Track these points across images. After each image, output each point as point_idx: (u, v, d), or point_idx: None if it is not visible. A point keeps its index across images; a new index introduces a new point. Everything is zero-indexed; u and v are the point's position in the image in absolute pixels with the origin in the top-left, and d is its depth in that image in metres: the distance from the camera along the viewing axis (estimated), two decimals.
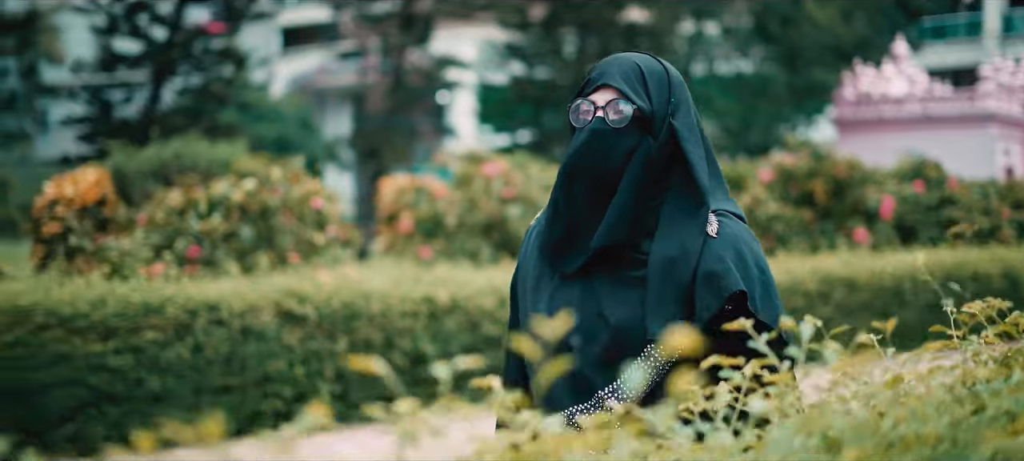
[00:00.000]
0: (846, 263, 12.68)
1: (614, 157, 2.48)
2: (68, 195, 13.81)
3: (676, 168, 2.50)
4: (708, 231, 2.48)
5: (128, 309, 7.80)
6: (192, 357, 8.07)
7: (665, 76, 2.55)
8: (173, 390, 8.00)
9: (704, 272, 2.43)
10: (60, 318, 7.55)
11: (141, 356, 7.82)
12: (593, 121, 2.51)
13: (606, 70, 2.54)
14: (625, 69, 2.53)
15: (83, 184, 13.93)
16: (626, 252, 2.47)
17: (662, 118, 2.51)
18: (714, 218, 2.51)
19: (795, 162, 16.39)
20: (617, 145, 2.48)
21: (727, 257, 2.45)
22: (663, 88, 2.53)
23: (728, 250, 2.46)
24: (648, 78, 2.52)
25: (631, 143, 2.48)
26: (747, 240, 2.54)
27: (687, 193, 2.49)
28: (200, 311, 8.11)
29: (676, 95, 2.54)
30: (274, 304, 8.52)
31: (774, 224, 15.62)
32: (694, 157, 2.50)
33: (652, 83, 2.52)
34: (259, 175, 11.40)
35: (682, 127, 2.51)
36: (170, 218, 11.25)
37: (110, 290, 7.82)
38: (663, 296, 2.43)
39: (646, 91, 2.51)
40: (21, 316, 7.40)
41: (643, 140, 2.48)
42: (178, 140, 15.60)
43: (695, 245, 2.45)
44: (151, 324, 7.90)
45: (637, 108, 2.48)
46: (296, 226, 11.25)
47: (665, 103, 2.52)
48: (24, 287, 7.62)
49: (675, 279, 2.43)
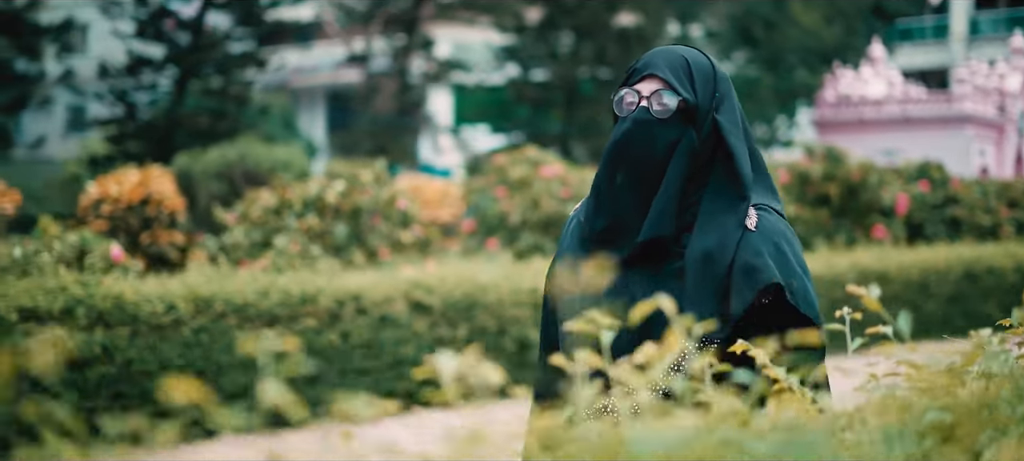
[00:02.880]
0: (879, 257, 13.76)
1: (657, 148, 2.48)
2: (113, 194, 14.59)
3: (718, 162, 2.51)
4: (747, 225, 2.48)
5: (289, 299, 8.72)
6: (341, 342, 9.00)
7: (711, 70, 2.55)
8: (325, 372, 8.92)
9: (740, 265, 2.43)
10: (234, 306, 8.46)
11: (300, 341, 8.73)
12: (637, 110, 2.52)
13: (652, 61, 2.54)
14: (671, 60, 2.53)
15: (127, 184, 14.71)
16: (665, 245, 2.48)
17: (706, 111, 2.51)
18: (754, 212, 2.51)
19: (810, 165, 17.47)
20: (660, 136, 2.48)
21: (765, 251, 2.44)
22: (708, 81, 2.53)
23: (766, 244, 2.46)
24: (694, 71, 2.52)
25: (674, 134, 2.48)
26: (786, 235, 2.52)
27: (728, 187, 2.49)
28: (347, 301, 9.04)
29: (721, 89, 2.54)
30: (404, 295, 9.46)
31: (795, 224, 16.69)
32: (737, 150, 2.50)
33: (698, 76, 2.52)
34: (346, 176, 12.31)
35: (726, 121, 2.52)
36: (267, 216, 12.13)
37: (272, 282, 8.73)
38: (701, 290, 2.43)
39: (691, 83, 2.51)
40: (203, 305, 8.30)
41: (686, 132, 2.49)
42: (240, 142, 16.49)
43: (733, 239, 2.45)
44: (307, 312, 8.83)
45: (682, 100, 2.49)
46: (384, 225, 12.17)
47: (710, 97, 2.52)
48: (202, 279, 8.52)
49: (712, 273, 2.43)
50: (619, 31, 31.53)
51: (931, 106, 33.17)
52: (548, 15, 31.42)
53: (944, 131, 32.48)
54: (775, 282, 2.40)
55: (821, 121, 34.60)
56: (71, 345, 7.50)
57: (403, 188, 12.64)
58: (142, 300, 7.92)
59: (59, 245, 10.15)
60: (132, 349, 7.87)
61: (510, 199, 13.91)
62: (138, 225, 14.26)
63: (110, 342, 7.76)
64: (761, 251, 2.43)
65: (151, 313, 7.99)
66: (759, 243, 2.44)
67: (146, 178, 14.58)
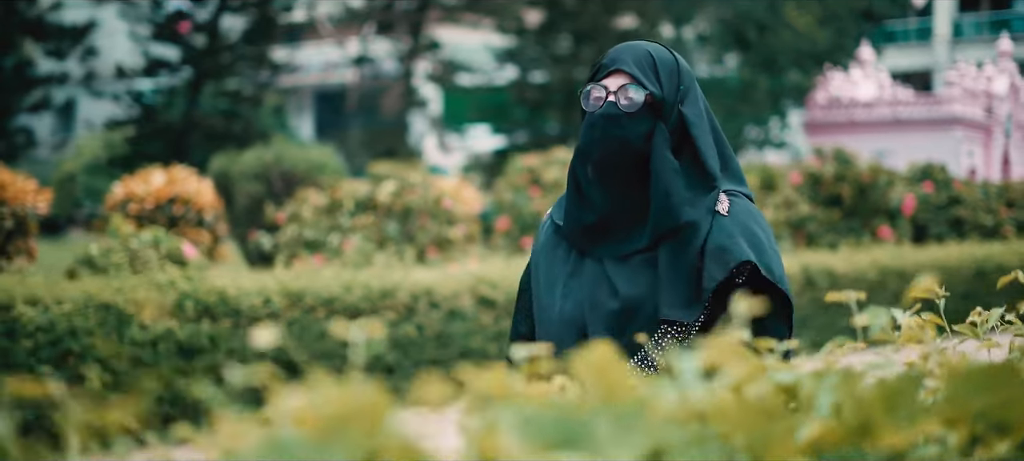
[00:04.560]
0: (896, 255, 14.44)
1: (629, 141, 2.53)
2: (140, 194, 15.06)
3: (685, 154, 2.56)
4: (718, 209, 2.53)
5: (370, 293, 9.30)
6: (417, 334, 9.58)
7: (675, 64, 2.60)
8: (400, 362, 9.51)
9: (712, 247, 2.47)
10: (322, 300, 9.04)
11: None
12: (605, 106, 2.55)
13: (618, 56, 2.58)
14: (637, 55, 2.57)
15: (153, 184, 15.18)
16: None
17: (672, 104, 2.55)
18: (725, 198, 2.57)
19: (821, 167, 18.15)
20: (630, 129, 2.52)
21: (737, 232, 2.50)
22: (673, 75, 2.57)
23: (738, 226, 2.52)
24: (659, 65, 2.57)
25: (644, 128, 2.53)
26: (757, 218, 2.58)
27: (696, 177, 2.54)
28: (420, 296, 9.63)
29: (685, 83, 2.59)
30: (470, 289, 10.05)
31: (808, 223, 17.36)
32: (702, 142, 2.55)
33: (663, 70, 2.56)
34: (395, 177, 12.89)
35: (691, 113, 2.56)
36: (319, 216, 12.69)
37: (354, 278, 9.31)
38: (674, 275, 2.48)
39: (657, 77, 2.55)
40: (296, 298, 8.87)
41: (655, 125, 2.54)
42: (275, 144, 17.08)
43: (704, 225, 2.50)
44: (387, 306, 9.41)
45: (649, 93, 2.53)
46: (432, 223, 12.75)
47: (675, 90, 2.56)
48: (291, 275, 9.09)
49: (685, 258, 2.48)
50: (619, 34, 32.09)
51: (921, 108, 33.81)
52: (548, 18, 31.98)
53: (934, 133, 33.09)
54: (748, 260, 2.46)
55: (812, 123, 35.30)
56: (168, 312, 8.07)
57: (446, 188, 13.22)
58: (242, 294, 8.49)
59: (136, 243, 10.68)
60: (235, 339, 8.43)
61: (544, 199, 14.51)
62: (165, 224, 14.74)
63: (215, 333, 8.33)
64: (733, 233, 2.49)
65: (250, 306, 8.56)
66: (731, 226, 2.51)
67: (173, 178, 15.02)
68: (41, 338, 7.62)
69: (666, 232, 2.48)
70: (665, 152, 2.50)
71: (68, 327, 7.69)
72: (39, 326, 7.62)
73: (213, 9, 24.86)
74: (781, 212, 17.19)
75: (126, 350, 7.79)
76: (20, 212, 13.37)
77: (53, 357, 7.67)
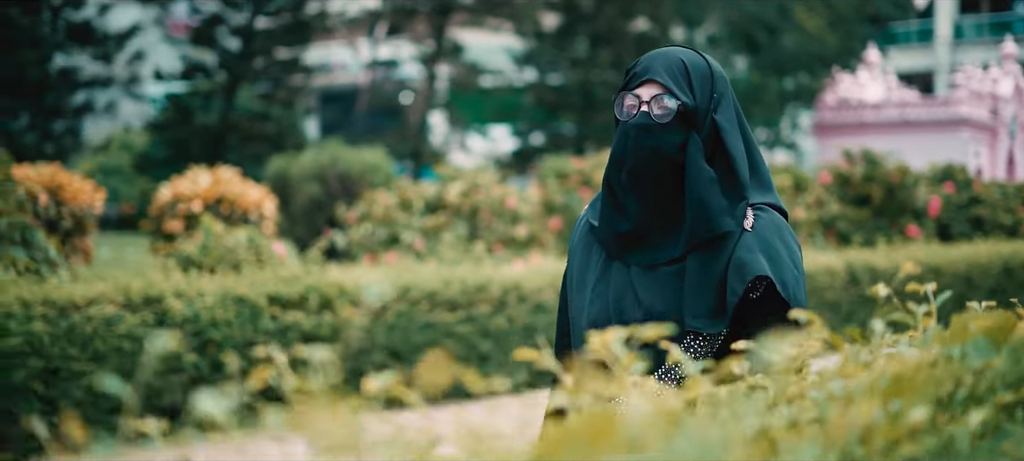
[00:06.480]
0: (929, 253, 15.19)
1: (662, 150, 2.52)
2: (187, 194, 15.65)
3: (717, 162, 2.55)
4: (744, 226, 2.53)
5: (466, 287, 10.00)
6: (507, 326, 10.28)
7: (708, 71, 2.57)
8: (492, 352, 10.21)
9: (734, 262, 2.48)
10: (425, 293, 9.74)
11: (475, 324, 10.03)
12: (638, 116, 2.54)
13: (651, 65, 2.55)
14: (669, 63, 2.54)
15: (200, 185, 15.78)
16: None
17: (705, 113, 2.53)
18: (751, 213, 2.56)
19: (851, 168, 18.88)
20: (663, 139, 2.51)
21: (757, 247, 2.49)
22: (706, 83, 2.55)
23: (760, 241, 2.51)
24: (692, 73, 2.54)
25: (678, 138, 2.52)
26: (781, 232, 2.57)
27: (726, 187, 2.53)
28: (510, 290, 10.33)
29: (718, 90, 2.56)
30: (551, 284, 10.74)
31: (838, 222, 18.11)
32: (735, 151, 2.54)
33: (696, 78, 2.54)
34: (464, 177, 13.59)
35: (724, 121, 2.55)
36: (388, 215, 13.37)
37: (451, 273, 10.01)
38: (700, 289, 2.49)
39: (690, 86, 2.53)
40: (402, 292, 9.58)
41: (689, 135, 2.52)
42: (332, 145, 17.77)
43: (736, 235, 2.51)
44: (481, 299, 10.11)
45: (681, 103, 2.51)
46: (498, 222, 13.45)
47: (708, 98, 2.54)
48: (395, 271, 9.79)
49: (711, 272, 2.49)
50: (636, 37, 32.70)
51: (928, 109, 34.39)
52: (566, 22, 32.61)
53: (941, 133, 33.66)
54: (763, 275, 2.45)
55: (822, 124, 35.92)
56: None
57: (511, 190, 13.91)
58: (358, 288, 9.18)
59: (231, 241, 11.36)
60: (352, 329, 9.12)
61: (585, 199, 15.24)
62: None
63: (337, 324, 9.03)
64: (753, 248, 2.48)
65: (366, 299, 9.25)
66: (753, 241, 2.50)
67: (218, 178, 15.59)
68: (188, 328, 8.31)
69: (701, 242, 2.51)
70: (700, 162, 2.50)
71: (210, 319, 8.38)
72: (185, 317, 8.31)
73: (247, 14, 25.50)
74: (813, 212, 17.92)
75: (260, 339, 8.48)
76: (78, 212, 13.97)
77: (198, 346, 8.36)
